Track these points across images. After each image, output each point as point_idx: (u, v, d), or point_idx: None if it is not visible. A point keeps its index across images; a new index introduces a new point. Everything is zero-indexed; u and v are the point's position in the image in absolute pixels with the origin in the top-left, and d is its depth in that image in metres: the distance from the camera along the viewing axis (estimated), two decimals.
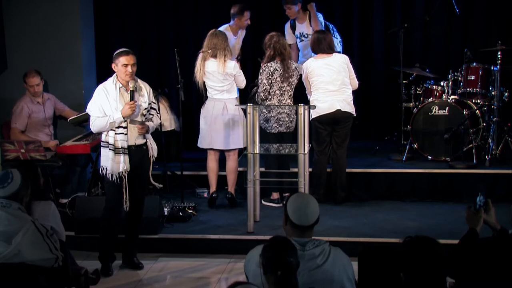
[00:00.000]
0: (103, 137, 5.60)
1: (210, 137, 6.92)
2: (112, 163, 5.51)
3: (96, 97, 5.58)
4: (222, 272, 5.78)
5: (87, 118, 6.97)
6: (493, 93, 7.63)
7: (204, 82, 6.88)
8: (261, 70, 6.87)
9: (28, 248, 3.98)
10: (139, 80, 5.65)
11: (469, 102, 7.78)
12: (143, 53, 9.14)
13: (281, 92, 6.85)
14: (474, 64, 7.72)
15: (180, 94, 7.04)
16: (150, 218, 6.22)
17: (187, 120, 7.99)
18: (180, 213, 6.69)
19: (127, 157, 5.52)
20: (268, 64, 6.83)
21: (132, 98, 5.49)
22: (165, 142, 7.58)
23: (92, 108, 5.58)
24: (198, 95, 8.15)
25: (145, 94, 5.65)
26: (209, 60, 6.80)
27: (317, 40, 6.96)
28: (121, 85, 5.54)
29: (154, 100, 5.79)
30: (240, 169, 6.98)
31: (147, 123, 5.65)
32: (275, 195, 7.17)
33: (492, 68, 7.62)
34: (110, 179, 5.54)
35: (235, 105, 6.82)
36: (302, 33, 7.85)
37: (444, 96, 7.80)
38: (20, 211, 4.08)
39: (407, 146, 7.85)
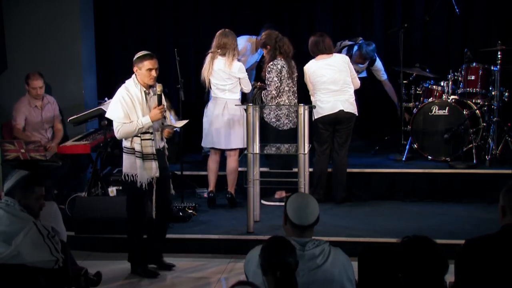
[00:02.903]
0: (126, 144, 5.43)
1: (211, 137, 6.93)
2: (141, 170, 5.37)
3: (121, 102, 5.36)
4: (222, 272, 5.78)
5: (87, 118, 7.01)
6: (493, 93, 7.63)
7: (209, 81, 6.88)
8: (269, 69, 6.88)
9: (28, 249, 3.98)
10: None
11: (469, 102, 7.79)
12: None
13: (289, 88, 6.91)
14: (474, 64, 7.72)
15: (180, 94, 7.03)
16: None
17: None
18: (180, 213, 6.69)
19: (157, 162, 5.42)
20: (275, 62, 6.87)
21: (160, 102, 5.39)
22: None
23: (117, 113, 5.37)
24: (198, 95, 8.17)
25: (163, 96, 5.57)
26: (217, 59, 6.81)
27: (315, 42, 6.98)
28: (144, 89, 5.42)
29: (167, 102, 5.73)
30: (241, 169, 6.98)
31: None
32: (278, 194, 7.18)
33: (492, 68, 7.62)
34: (138, 186, 5.40)
35: (235, 105, 6.82)
36: None
37: (444, 96, 7.81)
38: (23, 211, 4.08)
39: (407, 146, 7.85)
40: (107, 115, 5.56)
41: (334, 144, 7.06)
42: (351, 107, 6.93)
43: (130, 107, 5.35)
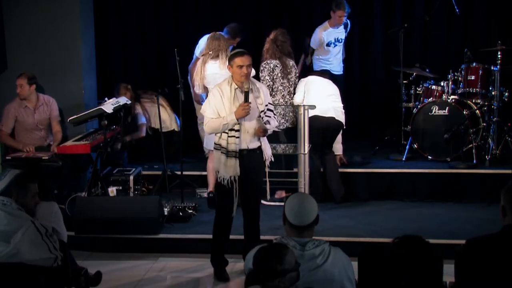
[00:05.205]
0: (216, 139, 5.41)
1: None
2: (224, 167, 5.32)
3: (211, 98, 5.38)
4: None
5: (87, 118, 7.00)
6: (493, 93, 7.64)
7: (203, 86, 6.84)
8: (261, 68, 6.95)
9: (27, 247, 3.98)
10: (257, 83, 5.49)
11: (469, 102, 7.79)
12: (143, 53, 9.16)
13: (283, 87, 6.93)
14: (474, 64, 7.72)
15: (180, 94, 7.03)
16: (150, 218, 6.22)
17: (187, 120, 7.98)
18: (180, 213, 6.69)
19: (238, 161, 5.32)
20: (268, 61, 6.93)
21: (246, 99, 5.26)
22: (165, 142, 7.58)
23: (206, 109, 5.36)
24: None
25: (262, 95, 5.42)
26: (209, 63, 6.78)
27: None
28: (236, 87, 5.32)
29: (271, 102, 5.62)
30: None
31: (266, 126, 5.43)
32: (278, 194, 7.18)
33: (492, 68, 7.63)
34: (222, 182, 5.36)
35: None
36: (337, 38, 7.98)
37: (444, 96, 7.81)
38: (20, 210, 4.09)
39: (407, 146, 7.86)
40: (201, 111, 5.54)
41: (323, 147, 7.10)
42: (341, 116, 7.12)
43: (219, 103, 5.30)
